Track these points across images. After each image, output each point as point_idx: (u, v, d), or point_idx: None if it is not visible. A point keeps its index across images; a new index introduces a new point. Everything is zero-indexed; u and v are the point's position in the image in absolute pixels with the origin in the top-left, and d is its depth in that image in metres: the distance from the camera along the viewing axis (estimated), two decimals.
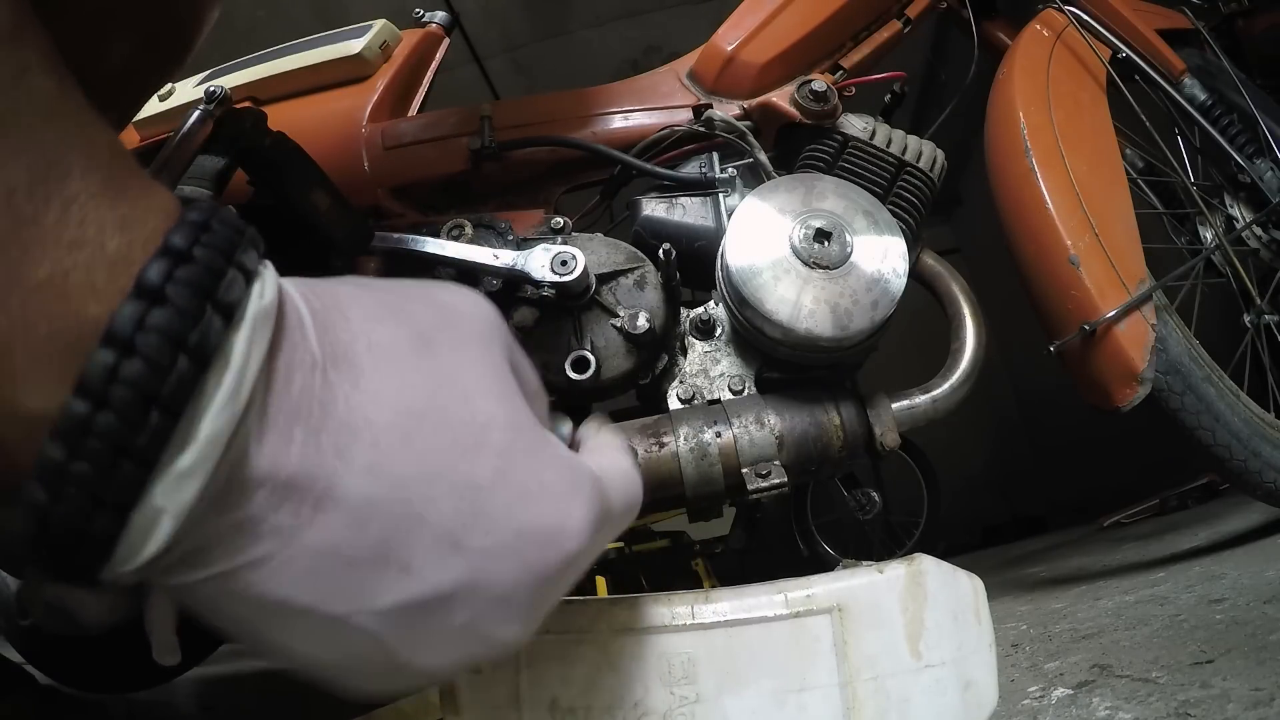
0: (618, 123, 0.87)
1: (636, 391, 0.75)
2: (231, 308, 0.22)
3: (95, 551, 0.21)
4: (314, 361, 0.24)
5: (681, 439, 0.67)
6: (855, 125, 0.83)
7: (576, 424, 0.46)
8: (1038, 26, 1.08)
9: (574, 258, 0.69)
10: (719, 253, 0.73)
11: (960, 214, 4.21)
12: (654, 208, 0.80)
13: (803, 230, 0.69)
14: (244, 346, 0.22)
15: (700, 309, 0.76)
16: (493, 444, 0.27)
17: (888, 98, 0.91)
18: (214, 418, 0.21)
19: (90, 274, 0.21)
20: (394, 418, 0.25)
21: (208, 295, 0.22)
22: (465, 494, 0.26)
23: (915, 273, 0.81)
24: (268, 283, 0.24)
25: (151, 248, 0.22)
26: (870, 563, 0.48)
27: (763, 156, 0.81)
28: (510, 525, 0.26)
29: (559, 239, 0.75)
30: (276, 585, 0.23)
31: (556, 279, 0.68)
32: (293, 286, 0.26)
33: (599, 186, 0.88)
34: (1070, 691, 0.58)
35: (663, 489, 0.67)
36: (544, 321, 0.72)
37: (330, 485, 0.23)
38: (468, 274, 0.73)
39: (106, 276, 0.21)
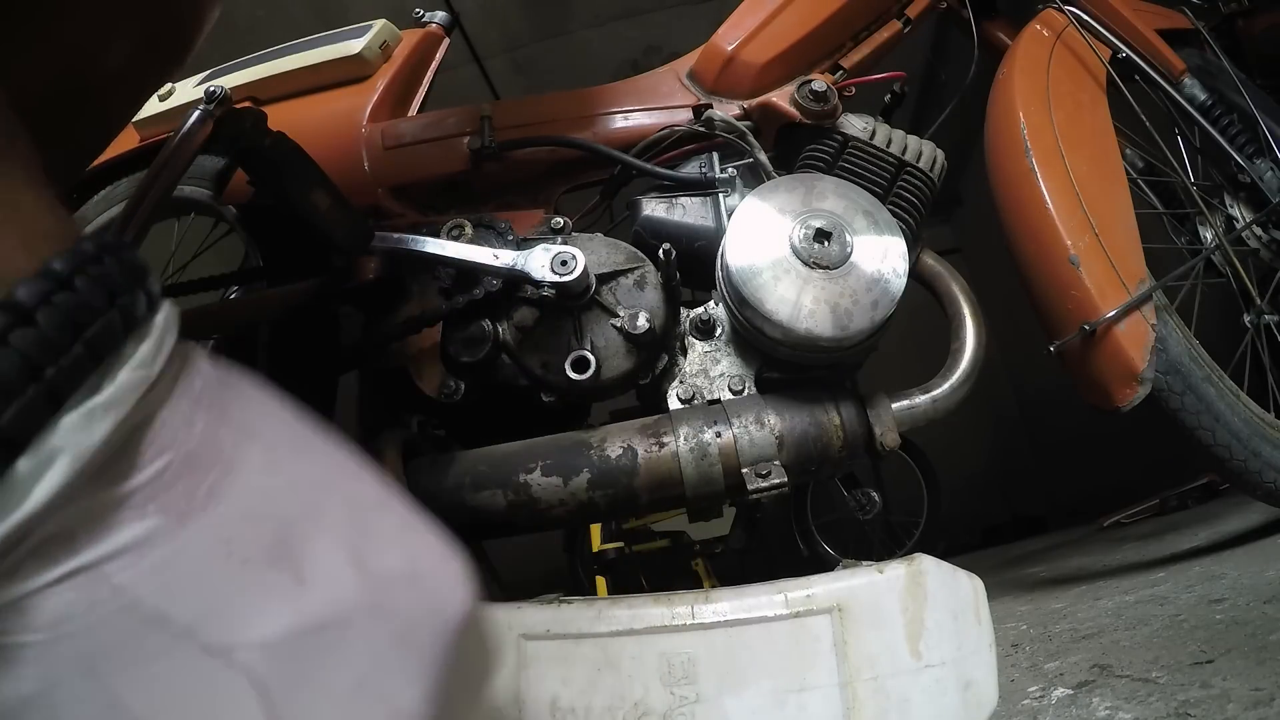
0: (618, 123, 0.87)
1: (636, 391, 0.75)
2: (153, 297, 0.23)
3: None
4: (211, 379, 0.24)
5: (681, 439, 0.67)
6: (855, 125, 0.83)
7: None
8: (1038, 26, 1.08)
9: (574, 258, 0.69)
10: (719, 253, 0.73)
11: (960, 214, 4.21)
12: (654, 208, 0.80)
13: (803, 230, 0.69)
14: (161, 326, 0.23)
15: (700, 309, 0.76)
16: (372, 481, 0.27)
17: (888, 98, 0.91)
18: (132, 370, 0.21)
19: (24, 236, 0.21)
20: (285, 437, 0.25)
21: (137, 279, 0.22)
22: (357, 507, 0.25)
23: (915, 273, 0.81)
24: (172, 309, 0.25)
25: (76, 238, 0.22)
26: (870, 563, 0.48)
27: (763, 156, 0.81)
28: (405, 549, 0.25)
29: (559, 239, 0.75)
30: (154, 586, 0.20)
31: (556, 279, 0.68)
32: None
33: (599, 186, 0.88)
34: (1070, 691, 0.58)
35: (663, 489, 0.67)
36: (544, 321, 0.72)
37: (227, 470, 0.22)
38: (467, 274, 0.73)
39: (42, 242, 0.22)
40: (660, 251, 0.71)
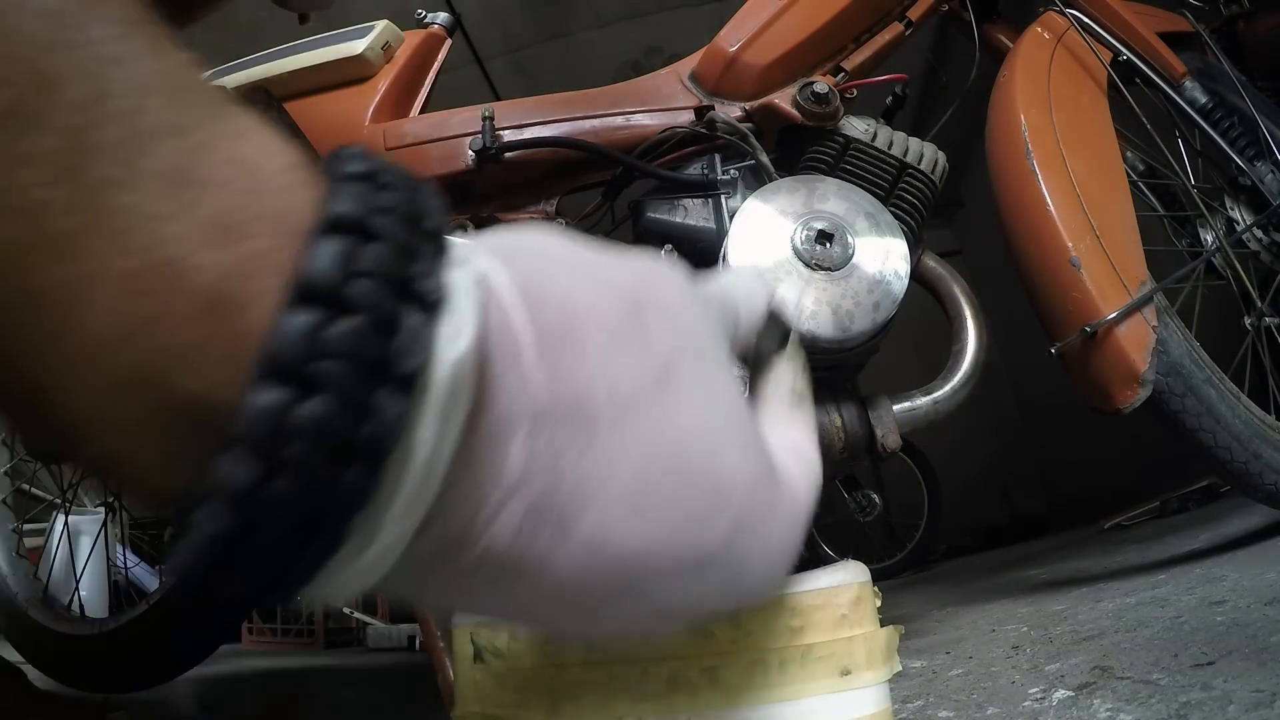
0: (619, 124, 0.87)
1: None
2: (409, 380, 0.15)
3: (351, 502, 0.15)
4: (537, 416, 0.18)
5: None
6: (857, 127, 0.83)
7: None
8: (1039, 29, 1.08)
9: None
10: (720, 254, 0.73)
11: (961, 216, 4.21)
12: (656, 209, 0.80)
13: (805, 232, 0.69)
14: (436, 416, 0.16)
15: None
16: (731, 510, 0.22)
17: (889, 100, 0.91)
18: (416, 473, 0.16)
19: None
20: (627, 488, 0.19)
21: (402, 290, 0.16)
22: (687, 571, 0.21)
23: (917, 275, 0.81)
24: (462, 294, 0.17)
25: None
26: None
27: (764, 158, 0.81)
28: (721, 594, 0.23)
29: None
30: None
31: None
32: (507, 284, 0.18)
33: (601, 188, 0.88)
34: (1071, 693, 0.58)
35: None
36: None
37: (541, 565, 0.19)
38: None
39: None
40: (662, 253, 0.71)
